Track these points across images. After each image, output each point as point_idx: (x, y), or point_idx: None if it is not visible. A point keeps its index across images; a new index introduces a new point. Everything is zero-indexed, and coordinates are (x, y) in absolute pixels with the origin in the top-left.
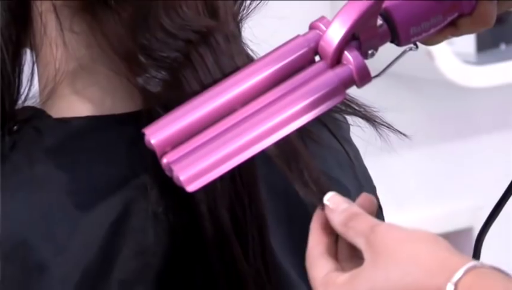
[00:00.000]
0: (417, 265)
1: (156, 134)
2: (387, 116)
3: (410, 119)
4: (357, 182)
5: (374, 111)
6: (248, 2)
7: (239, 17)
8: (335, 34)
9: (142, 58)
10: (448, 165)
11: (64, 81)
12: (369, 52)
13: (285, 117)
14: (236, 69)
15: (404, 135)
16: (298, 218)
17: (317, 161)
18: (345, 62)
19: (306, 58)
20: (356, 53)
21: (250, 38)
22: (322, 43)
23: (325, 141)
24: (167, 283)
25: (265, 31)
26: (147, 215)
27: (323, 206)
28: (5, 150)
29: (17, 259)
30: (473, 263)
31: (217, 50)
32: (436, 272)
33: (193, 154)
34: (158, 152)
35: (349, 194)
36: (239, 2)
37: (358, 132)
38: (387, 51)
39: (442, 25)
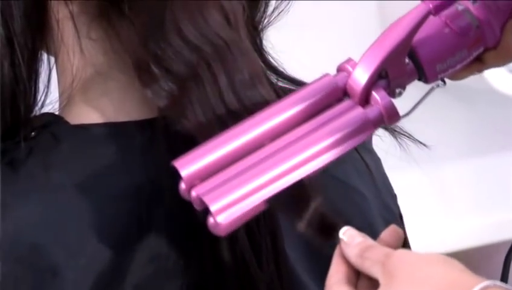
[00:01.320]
0: (430, 286)
1: (186, 167)
2: (434, 126)
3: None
4: (375, 190)
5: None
6: (271, 9)
7: (261, 26)
8: (362, 73)
9: (154, 68)
10: (495, 176)
11: (81, 87)
12: (397, 91)
13: (313, 152)
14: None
15: (424, 145)
16: None
17: (336, 169)
18: (372, 102)
19: (334, 96)
20: (384, 93)
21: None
22: (350, 82)
23: None
24: (181, 287)
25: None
26: (161, 222)
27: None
28: (22, 156)
29: (30, 262)
30: (486, 282)
31: (232, 69)
32: None
33: (222, 187)
34: (187, 185)
35: (366, 201)
36: (261, 10)
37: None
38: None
39: (468, 60)
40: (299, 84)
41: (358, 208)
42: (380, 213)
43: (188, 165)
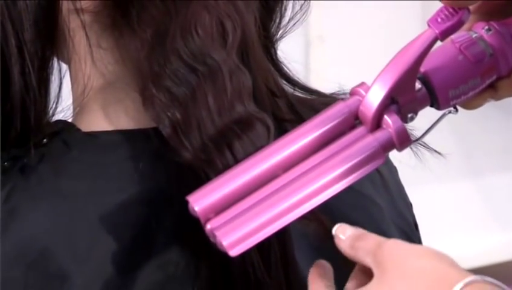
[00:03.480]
0: (421, 279)
1: (200, 201)
2: (475, 137)
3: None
4: (390, 199)
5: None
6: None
7: (275, 38)
8: (374, 98)
9: (153, 90)
10: None
11: (93, 95)
12: (409, 116)
13: (325, 182)
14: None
15: (439, 153)
16: None
17: None
18: (384, 126)
19: (347, 123)
20: (396, 117)
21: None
22: (361, 108)
23: None
24: None
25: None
26: (170, 229)
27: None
28: (33, 162)
29: (39, 268)
30: (474, 277)
31: (219, 90)
32: (437, 285)
33: (235, 221)
34: (202, 219)
35: (380, 210)
36: (276, 22)
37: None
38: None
39: (481, 87)
40: (314, 93)
41: (371, 217)
42: (394, 222)
43: (202, 200)
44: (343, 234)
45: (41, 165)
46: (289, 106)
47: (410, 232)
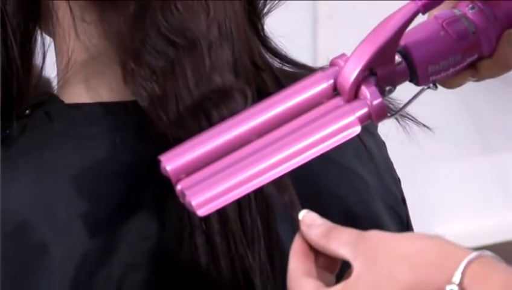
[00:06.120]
0: (424, 256)
1: (172, 161)
2: (490, 118)
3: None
4: (377, 174)
5: (398, 103)
6: None
7: (262, 13)
8: (352, 69)
9: (133, 65)
10: None
11: (77, 69)
12: (387, 88)
13: (298, 148)
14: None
15: (427, 127)
16: (311, 198)
17: (335, 153)
18: (361, 97)
19: (324, 94)
20: (373, 89)
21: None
22: (339, 78)
23: None
24: (171, 267)
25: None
26: (150, 201)
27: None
28: (14, 134)
29: (18, 238)
30: (476, 253)
31: (198, 63)
32: (443, 261)
33: (205, 181)
34: (173, 178)
35: (367, 184)
36: None
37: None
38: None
39: (462, 65)
40: (302, 67)
41: (355, 190)
42: (381, 197)
43: (174, 160)
44: (313, 221)
45: (23, 137)
46: (274, 79)
47: (397, 207)
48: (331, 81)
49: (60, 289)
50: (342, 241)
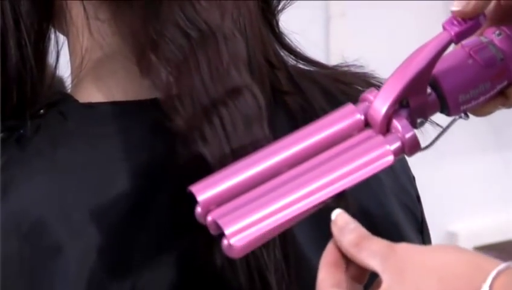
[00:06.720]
0: (453, 269)
1: (202, 192)
2: (504, 112)
3: None
4: (392, 173)
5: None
6: None
7: (276, 10)
8: (383, 102)
9: (151, 56)
10: None
11: (91, 67)
12: (419, 121)
13: (330, 179)
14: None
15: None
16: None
17: None
18: (393, 131)
19: (355, 126)
20: (405, 122)
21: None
22: (370, 111)
23: None
24: (186, 267)
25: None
26: (166, 201)
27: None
28: (29, 133)
29: (33, 239)
30: (505, 264)
31: (213, 57)
32: (473, 273)
33: (237, 211)
34: (203, 210)
35: (381, 183)
36: None
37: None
38: None
39: (492, 93)
40: (316, 65)
41: (369, 189)
42: (396, 195)
43: (205, 190)
44: (345, 225)
45: (37, 136)
46: (289, 77)
47: (412, 206)
48: (362, 115)
49: (75, 289)
50: (371, 252)
